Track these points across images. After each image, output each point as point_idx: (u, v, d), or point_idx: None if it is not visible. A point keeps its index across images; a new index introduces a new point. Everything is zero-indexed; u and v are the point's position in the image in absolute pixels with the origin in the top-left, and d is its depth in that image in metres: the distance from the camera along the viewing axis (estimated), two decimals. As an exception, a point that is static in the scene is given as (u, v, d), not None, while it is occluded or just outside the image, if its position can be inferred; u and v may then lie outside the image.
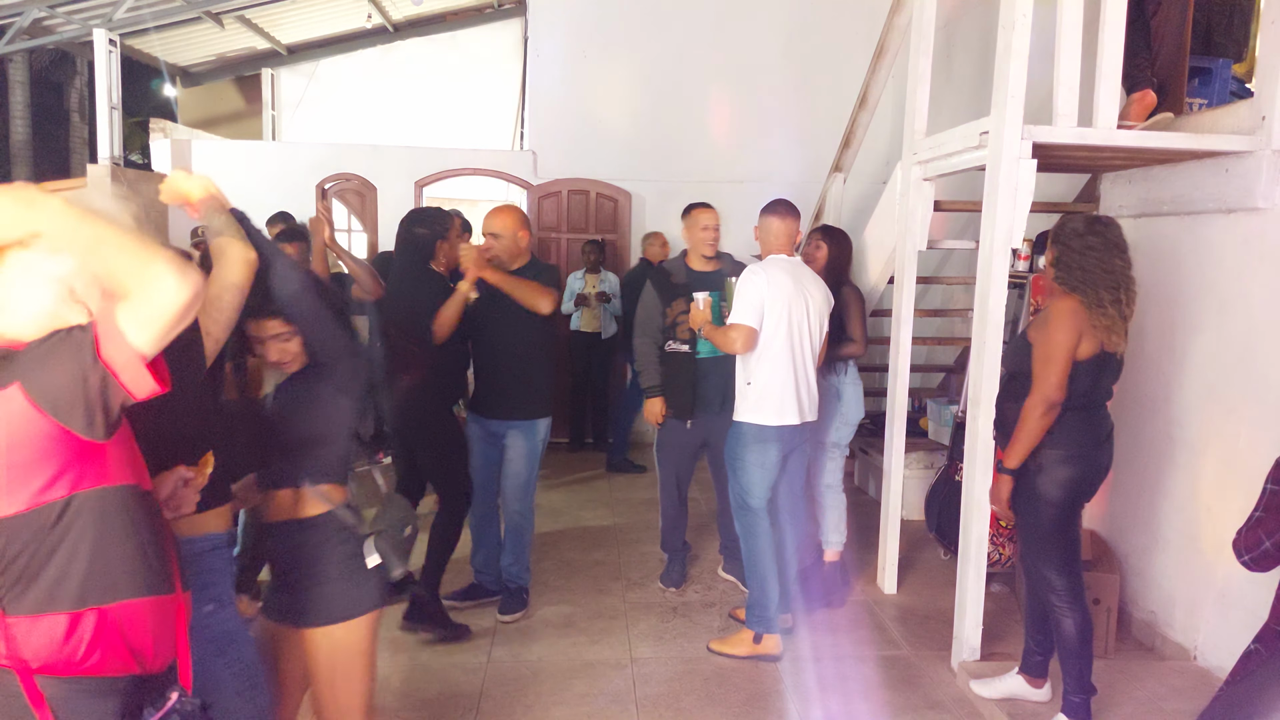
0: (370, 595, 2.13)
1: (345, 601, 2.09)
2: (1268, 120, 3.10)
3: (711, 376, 3.93)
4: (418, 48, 10.40)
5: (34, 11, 7.11)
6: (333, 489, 2.13)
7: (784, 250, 3.55)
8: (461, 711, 3.11)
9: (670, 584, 4.24)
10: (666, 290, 4.03)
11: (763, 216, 3.60)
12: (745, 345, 3.43)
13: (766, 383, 3.44)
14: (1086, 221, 2.80)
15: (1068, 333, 2.70)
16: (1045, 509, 2.82)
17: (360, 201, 7.52)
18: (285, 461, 2.10)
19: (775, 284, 3.42)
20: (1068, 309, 2.72)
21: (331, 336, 2.08)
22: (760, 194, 4.22)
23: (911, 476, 4.93)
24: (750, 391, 3.47)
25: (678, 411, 4.01)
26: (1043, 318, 2.81)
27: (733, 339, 3.43)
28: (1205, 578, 3.36)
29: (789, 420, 3.46)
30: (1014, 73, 3.13)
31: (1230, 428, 3.28)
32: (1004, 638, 3.61)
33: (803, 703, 3.21)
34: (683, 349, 3.99)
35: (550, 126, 7.40)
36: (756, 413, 3.46)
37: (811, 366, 3.53)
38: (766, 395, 3.44)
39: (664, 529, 4.31)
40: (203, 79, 10.29)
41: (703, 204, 4.12)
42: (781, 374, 3.44)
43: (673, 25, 7.25)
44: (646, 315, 4.08)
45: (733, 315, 3.46)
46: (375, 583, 2.13)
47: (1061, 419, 2.77)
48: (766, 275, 3.44)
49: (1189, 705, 3.00)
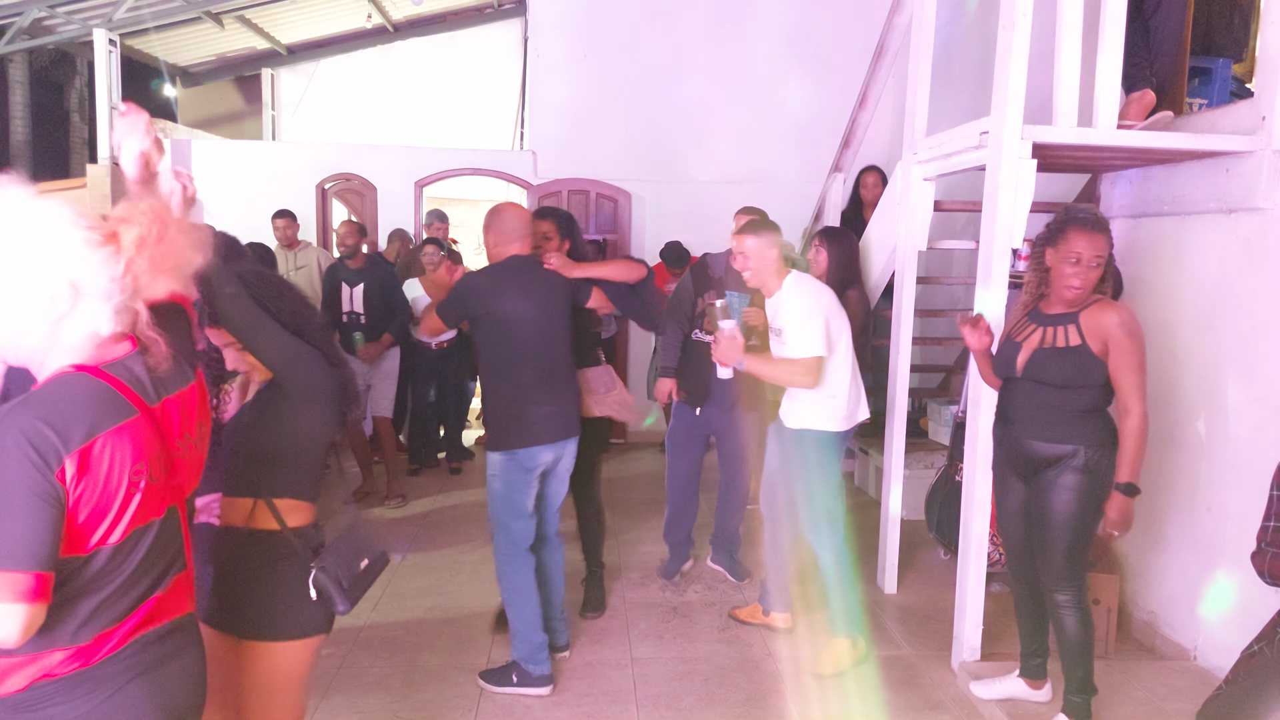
0: (311, 621, 2.04)
1: (285, 622, 2.02)
2: (1268, 120, 3.10)
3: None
4: (418, 48, 10.39)
5: (34, 11, 7.10)
6: (294, 505, 2.04)
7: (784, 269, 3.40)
8: (461, 712, 3.11)
9: (663, 576, 4.31)
10: (702, 282, 4.10)
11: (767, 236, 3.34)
12: (819, 378, 3.24)
13: (848, 389, 3.36)
14: None
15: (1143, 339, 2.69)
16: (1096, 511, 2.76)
17: (360, 201, 7.53)
18: (247, 470, 2.03)
19: (826, 295, 3.34)
20: (1135, 317, 2.71)
21: (279, 351, 1.98)
22: (760, 194, 4.23)
23: (911, 476, 4.93)
24: (835, 402, 3.34)
25: (690, 397, 4.11)
26: (1121, 329, 2.67)
27: (804, 372, 3.21)
28: (1205, 578, 3.36)
29: (861, 417, 3.46)
30: (1014, 73, 3.12)
31: (1230, 428, 3.28)
32: (1004, 638, 3.61)
33: (803, 703, 3.21)
34: (706, 339, 4.03)
35: (550, 126, 7.40)
36: (841, 421, 3.37)
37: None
38: (849, 401, 3.37)
39: (668, 518, 4.39)
40: (203, 79, 10.29)
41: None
42: (855, 376, 3.39)
43: (673, 25, 7.25)
44: (679, 301, 4.18)
45: (799, 347, 3.22)
46: (318, 610, 2.03)
47: (1089, 416, 2.75)
48: (815, 289, 3.32)
49: (1189, 705, 3.00)
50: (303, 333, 2.04)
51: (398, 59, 10.37)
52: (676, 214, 7.15)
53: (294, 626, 2.02)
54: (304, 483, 2.08)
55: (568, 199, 7.27)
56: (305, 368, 2.03)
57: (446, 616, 3.87)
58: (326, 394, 2.07)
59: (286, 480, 2.04)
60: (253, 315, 1.95)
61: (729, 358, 3.27)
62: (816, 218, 6.00)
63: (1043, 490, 2.80)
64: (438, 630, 3.73)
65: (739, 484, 4.33)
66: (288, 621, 2.02)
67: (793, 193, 6.45)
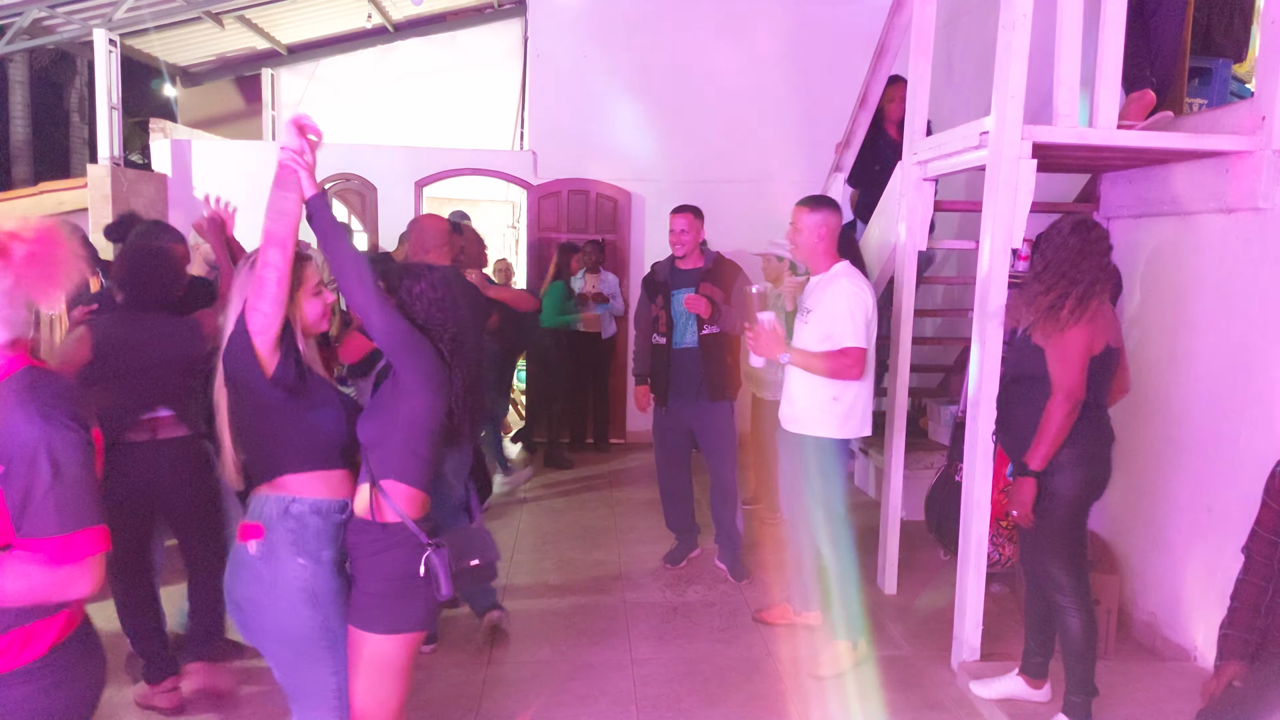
0: (414, 615, 2.05)
1: (389, 615, 2.03)
2: (1268, 120, 3.10)
3: (684, 365, 4.27)
4: (418, 48, 10.38)
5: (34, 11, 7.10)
6: (409, 493, 2.04)
7: (837, 254, 3.38)
8: (461, 711, 3.11)
9: (668, 561, 4.53)
10: (651, 287, 4.43)
11: (819, 212, 3.31)
12: (862, 370, 3.19)
13: (855, 398, 3.31)
14: (1073, 226, 2.80)
15: (1084, 330, 2.69)
16: (1059, 508, 2.80)
17: (360, 201, 7.52)
18: (365, 455, 2.06)
19: (873, 296, 3.29)
20: (1082, 311, 2.70)
21: (383, 324, 1.97)
22: (760, 194, 4.23)
23: (911, 476, 4.93)
24: (837, 407, 3.29)
25: (657, 397, 4.39)
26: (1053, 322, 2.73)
27: (849, 366, 3.16)
28: (1205, 578, 3.36)
29: (865, 431, 3.39)
30: (1014, 73, 3.12)
31: (1230, 428, 3.28)
32: (1004, 638, 3.61)
33: (803, 703, 3.21)
34: (661, 341, 4.35)
35: (550, 126, 7.40)
36: (842, 428, 3.32)
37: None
38: (853, 410, 3.32)
39: (663, 508, 4.61)
40: (203, 79, 10.28)
41: (677, 208, 4.30)
42: (869, 388, 3.35)
43: (673, 25, 7.25)
44: (640, 310, 4.54)
45: (843, 336, 3.18)
46: (423, 603, 2.04)
47: (1077, 418, 2.77)
48: (867, 287, 3.28)
49: (1189, 706, 2.99)
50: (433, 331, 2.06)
51: (398, 59, 10.36)
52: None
53: (399, 621, 2.04)
54: (412, 467, 2.05)
55: (568, 199, 7.27)
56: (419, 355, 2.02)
57: (453, 614, 3.87)
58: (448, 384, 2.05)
59: (394, 464, 2.03)
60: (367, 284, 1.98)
61: (770, 350, 3.21)
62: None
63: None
64: (441, 629, 3.73)
65: (722, 476, 4.37)
66: (393, 615, 2.03)
67: (793, 192, 6.42)
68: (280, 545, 2.00)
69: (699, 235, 4.27)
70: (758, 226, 6.18)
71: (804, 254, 3.41)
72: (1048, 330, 2.76)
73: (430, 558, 2.01)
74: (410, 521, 2.02)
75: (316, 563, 2.02)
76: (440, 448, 2.09)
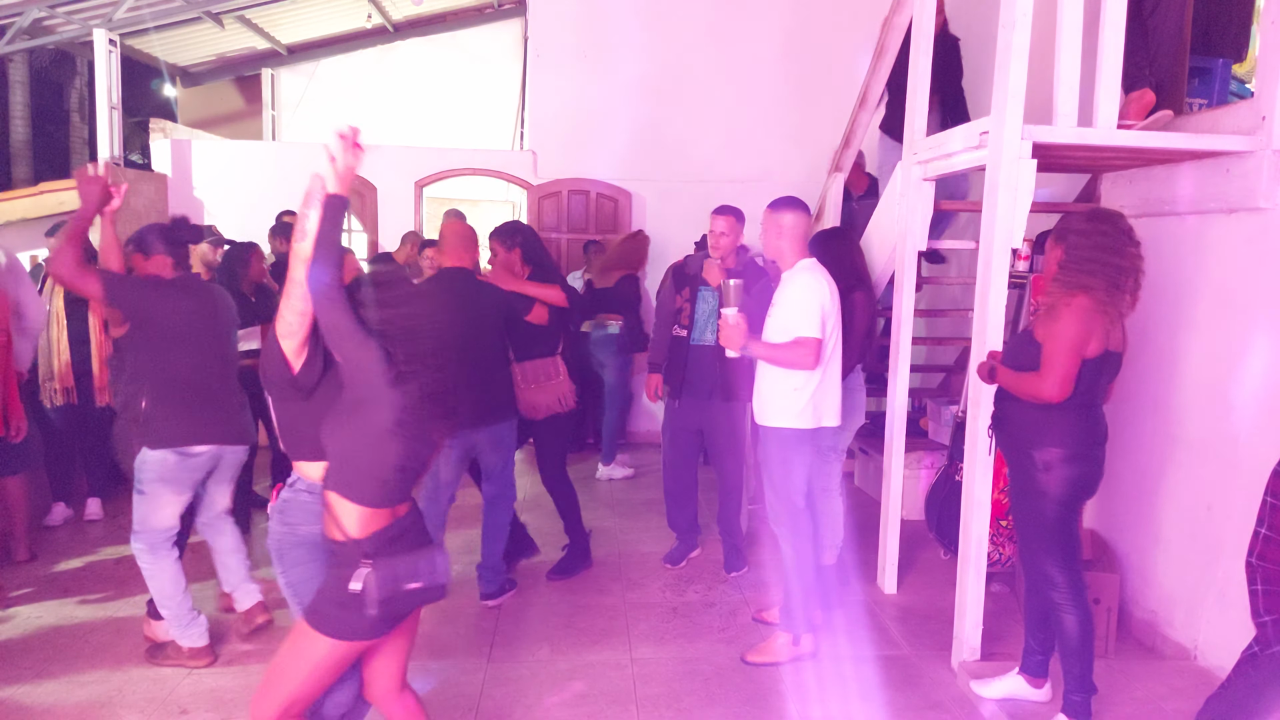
0: (348, 626, 2.07)
1: (321, 612, 2.09)
2: (1268, 120, 3.10)
3: (703, 363, 4.21)
4: (418, 48, 10.39)
5: (34, 11, 7.10)
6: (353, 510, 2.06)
7: (805, 252, 3.45)
8: (461, 711, 3.11)
9: (668, 561, 4.49)
10: (680, 278, 4.37)
11: (786, 213, 3.42)
12: (817, 360, 3.28)
13: (818, 388, 3.34)
14: (1091, 215, 2.79)
15: (1079, 331, 2.68)
16: (1048, 506, 2.82)
17: (360, 201, 7.52)
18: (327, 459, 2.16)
19: (832, 290, 3.34)
20: (1080, 307, 2.69)
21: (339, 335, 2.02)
22: (760, 194, 4.22)
23: (911, 476, 4.93)
24: (798, 397, 3.33)
25: (671, 390, 4.33)
26: (1051, 314, 2.75)
27: (803, 356, 3.25)
28: (1205, 578, 3.36)
29: (829, 423, 3.42)
30: (1014, 73, 3.12)
31: (1230, 428, 3.28)
32: (1004, 638, 3.61)
33: (802, 703, 3.21)
34: (681, 334, 4.29)
35: (550, 126, 7.40)
36: (801, 418, 3.35)
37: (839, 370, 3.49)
38: (816, 400, 3.35)
39: (667, 506, 4.56)
40: (203, 79, 10.28)
41: (719, 208, 4.19)
42: (834, 379, 3.38)
43: (672, 25, 7.25)
44: (663, 301, 4.56)
45: (797, 327, 3.27)
46: (353, 614, 2.05)
47: (1064, 417, 2.77)
48: (826, 281, 3.33)
49: (1189, 705, 3.00)
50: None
51: (398, 59, 10.37)
52: (676, 214, 7.16)
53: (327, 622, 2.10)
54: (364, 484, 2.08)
55: (568, 199, 7.28)
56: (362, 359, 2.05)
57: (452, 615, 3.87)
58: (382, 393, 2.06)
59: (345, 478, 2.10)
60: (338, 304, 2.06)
61: (732, 342, 3.34)
62: (817, 218, 5.99)
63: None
64: (437, 630, 3.73)
65: (727, 476, 4.36)
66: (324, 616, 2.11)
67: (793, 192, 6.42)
68: (278, 508, 2.30)
69: (738, 239, 4.15)
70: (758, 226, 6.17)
71: (774, 252, 3.48)
72: (1044, 325, 2.76)
73: (367, 576, 2.02)
74: (351, 540, 2.05)
75: (291, 531, 2.26)
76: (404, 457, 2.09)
